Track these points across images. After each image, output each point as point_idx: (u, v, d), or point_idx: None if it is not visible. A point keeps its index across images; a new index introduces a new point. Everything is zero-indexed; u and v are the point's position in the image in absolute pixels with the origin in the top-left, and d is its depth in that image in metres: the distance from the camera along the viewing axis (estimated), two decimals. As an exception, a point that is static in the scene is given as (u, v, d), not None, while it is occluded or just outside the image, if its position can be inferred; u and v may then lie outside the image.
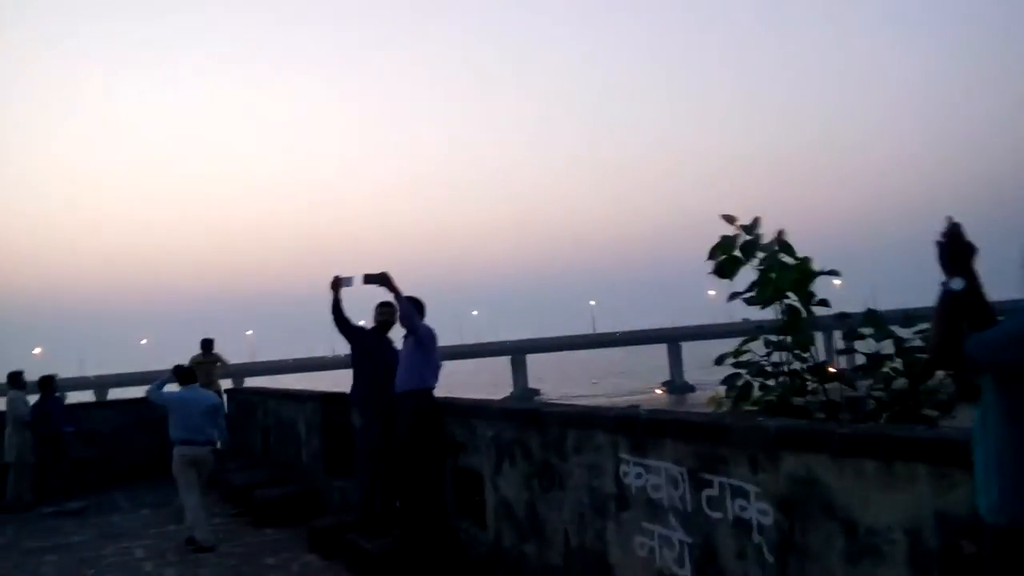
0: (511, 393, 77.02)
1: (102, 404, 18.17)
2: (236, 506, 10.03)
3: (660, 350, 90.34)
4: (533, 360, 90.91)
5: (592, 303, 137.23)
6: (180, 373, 8.79)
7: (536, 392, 79.10)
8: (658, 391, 78.01)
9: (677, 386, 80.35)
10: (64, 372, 12.47)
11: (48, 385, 11.42)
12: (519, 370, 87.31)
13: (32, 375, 12.18)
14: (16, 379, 11.77)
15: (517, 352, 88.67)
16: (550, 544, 5.11)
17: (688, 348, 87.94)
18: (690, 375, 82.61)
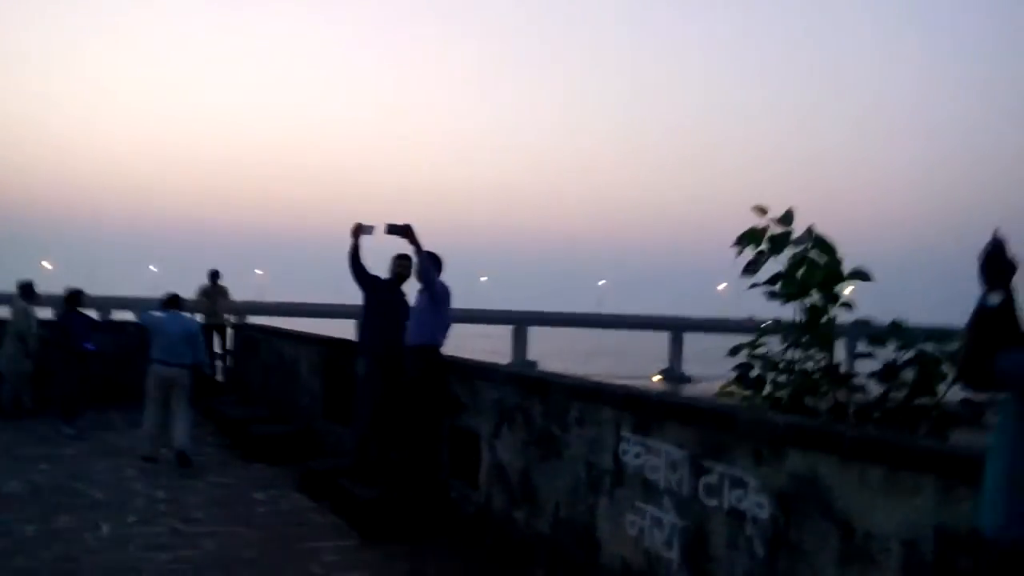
0: (509, 363, 77.01)
1: (106, 324, 18.24)
2: (230, 439, 10.13)
3: (661, 338, 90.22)
4: (532, 332, 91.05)
5: (601, 283, 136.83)
6: (166, 299, 9.58)
7: (533, 364, 79.19)
8: (655, 378, 78.01)
9: (675, 375, 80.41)
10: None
11: (74, 301, 11.13)
12: (520, 339, 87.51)
13: (39, 289, 12.12)
14: (26, 290, 11.68)
15: (519, 322, 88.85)
16: (540, 512, 5.15)
17: (688, 340, 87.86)
18: (687, 366, 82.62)
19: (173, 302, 9.58)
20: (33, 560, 5.43)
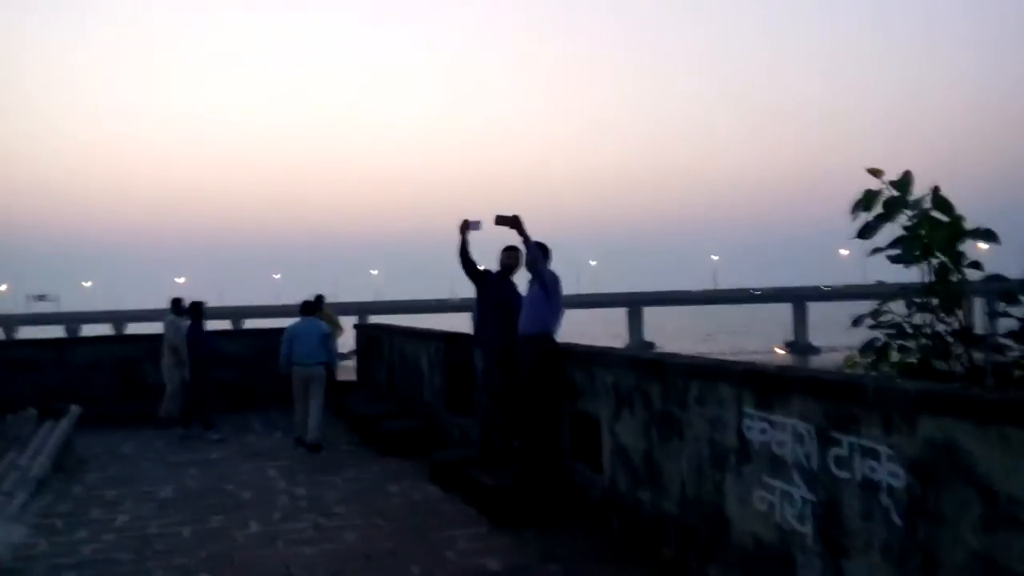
0: (626, 345, 76.80)
1: (240, 332, 19.30)
2: (361, 435, 10.56)
3: (783, 310, 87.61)
4: (649, 313, 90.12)
5: (715, 258, 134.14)
6: (302, 305, 10.84)
7: (651, 345, 78.59)
8: (779, 350, 75.88)
9: (800, 347, 77.87)
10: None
11: (197, 313, 11.84)
12: (635, 322, 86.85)
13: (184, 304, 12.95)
14: (176, 305, 12.59)
15: (634, 304, 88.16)
16: (666, 492, 5.16)
17: (814, 309, 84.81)
18: (815, 337, 79.81)
19: (309, 308, 10.76)
20: (191, 559, 5.85)
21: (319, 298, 14.46)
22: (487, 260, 7.47)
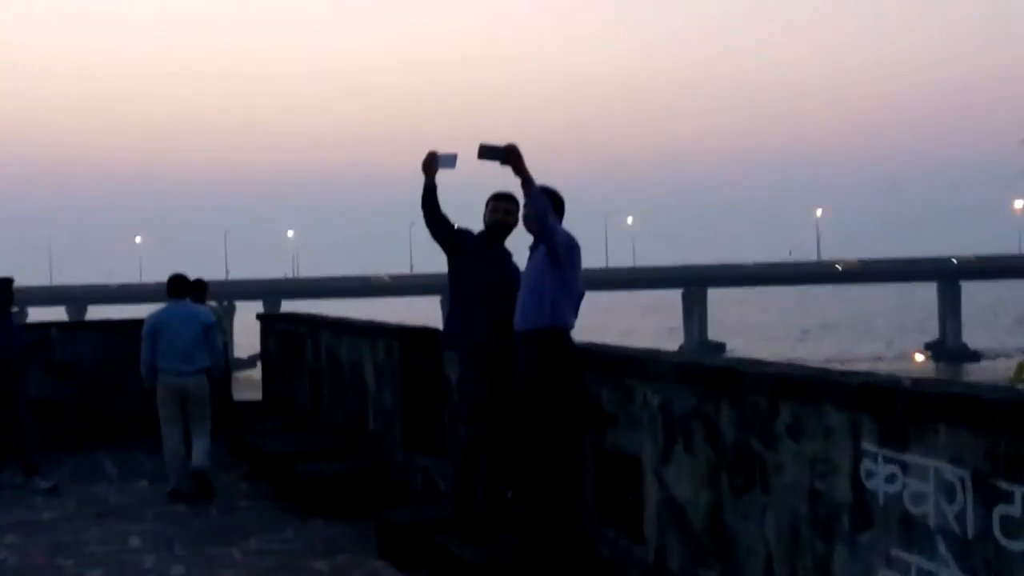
0: (682, 346, 77.22)
1: (81, 326, 19.28)
2: (272, 484, 10.60)
3: (925, 292, 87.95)
4: (715, 297, 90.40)
5: (818, 212, 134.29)
6: (171, 282, 10.66)
7: (720, 347, 79.00)
8: (918, 357, 76.19)
9: (951, 350, 78.30)
10: (25, 279, 12.73)
11: (3, 293, 11.51)
12: (695, 310, 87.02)
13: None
14: None
15: (693, 283, 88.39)
16: (742, 570, 5.21)
17: (971, 291, 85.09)
18: (972, 334, 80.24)
19: (178, 287, 10.57)
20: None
21: (200, 284, 14.43)
22: (467, 216, 7.51)
